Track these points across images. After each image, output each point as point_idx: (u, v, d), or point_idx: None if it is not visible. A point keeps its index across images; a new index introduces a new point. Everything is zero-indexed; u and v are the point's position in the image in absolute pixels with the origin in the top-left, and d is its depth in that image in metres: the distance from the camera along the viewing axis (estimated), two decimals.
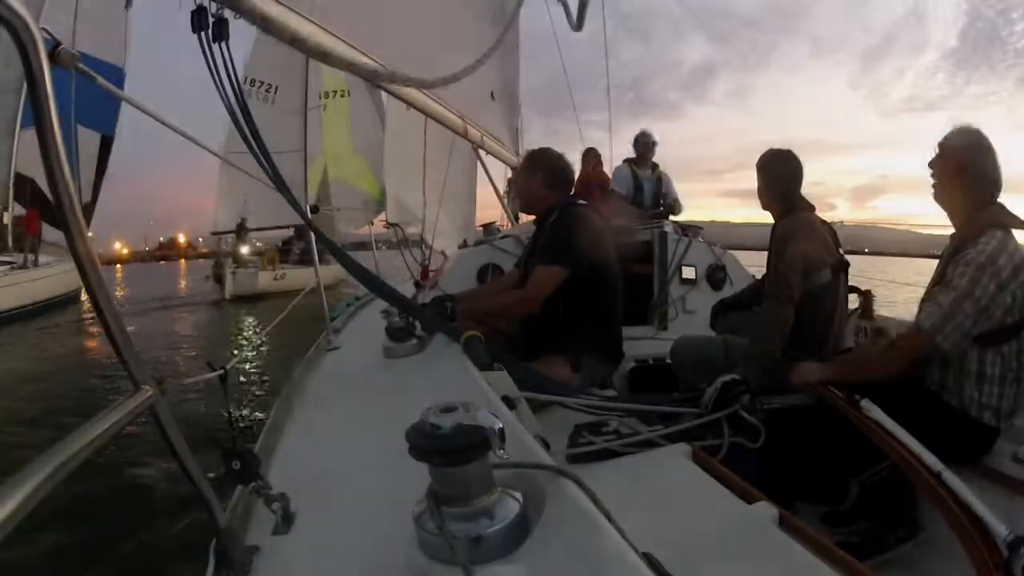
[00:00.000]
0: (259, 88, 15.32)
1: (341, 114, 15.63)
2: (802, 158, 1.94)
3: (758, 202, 1.98)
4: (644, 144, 4.28)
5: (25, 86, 0.49)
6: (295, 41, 1.20)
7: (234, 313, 11.97)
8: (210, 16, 1.26)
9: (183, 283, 20.69)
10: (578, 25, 1.91)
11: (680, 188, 4.52)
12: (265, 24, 1.17)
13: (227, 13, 1.25)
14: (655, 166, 4.30)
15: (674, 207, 4.28)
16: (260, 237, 16.19)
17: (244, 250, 14.73)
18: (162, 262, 52.85)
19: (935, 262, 1.51)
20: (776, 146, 1.94)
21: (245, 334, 9.12)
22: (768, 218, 1.97)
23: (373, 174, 15.54)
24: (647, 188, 4.27)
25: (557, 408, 1.53)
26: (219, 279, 14.05)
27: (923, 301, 1.44)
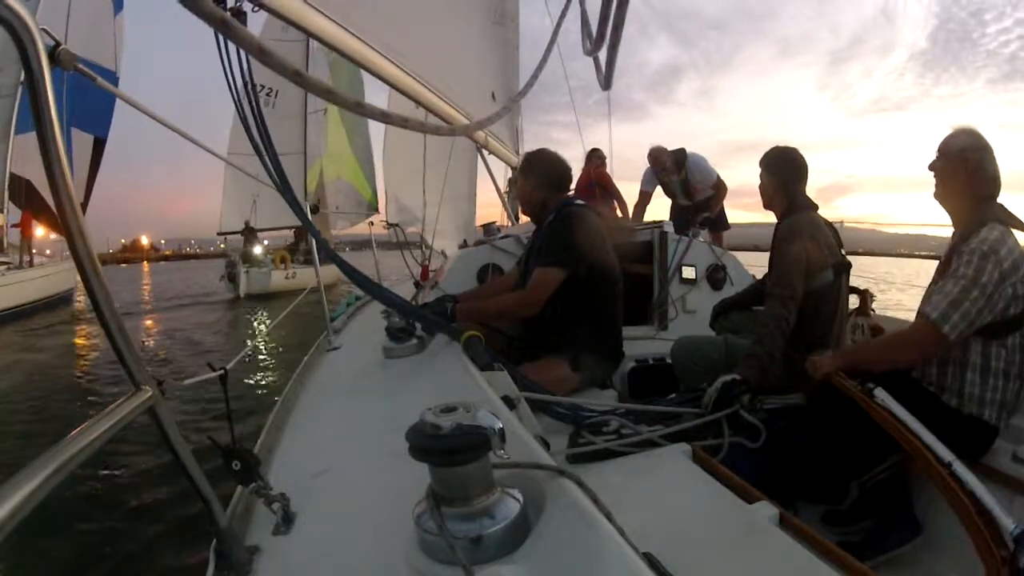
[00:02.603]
0: (260, 92, 15.52)
1: (342, 114, 15.87)
2: None
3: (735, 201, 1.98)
4: (652, 158, 4.48)
5: (20, 90, 0.49)
6: (314, 34, 1.19)
7: (250, 311, 12.18)
8: (227, 7, 1.25)
9: (146, 287, 20.56)
10: (607, 84, 1.91)
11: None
12: (282, 14, 1.16)
13: (246, 5, 1.24)
14: (680, 167, 4.40)
15: (713, 190, 4.43)
16: (268, 237, 16.55)
17: (257, 250, 15.09)
18: (123, 264, 49.72)
19: (906, 261, 1.51)
20: (741, 145, 1.96)
21: (261, 330, 9.35)
22: (742, 218, 1.97)
23: (364, 176, 15.86)
24: (674, 184, 4.49)
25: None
26: (232, 278, 14.35)
27: (928, 293, 1.44)
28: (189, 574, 2.31)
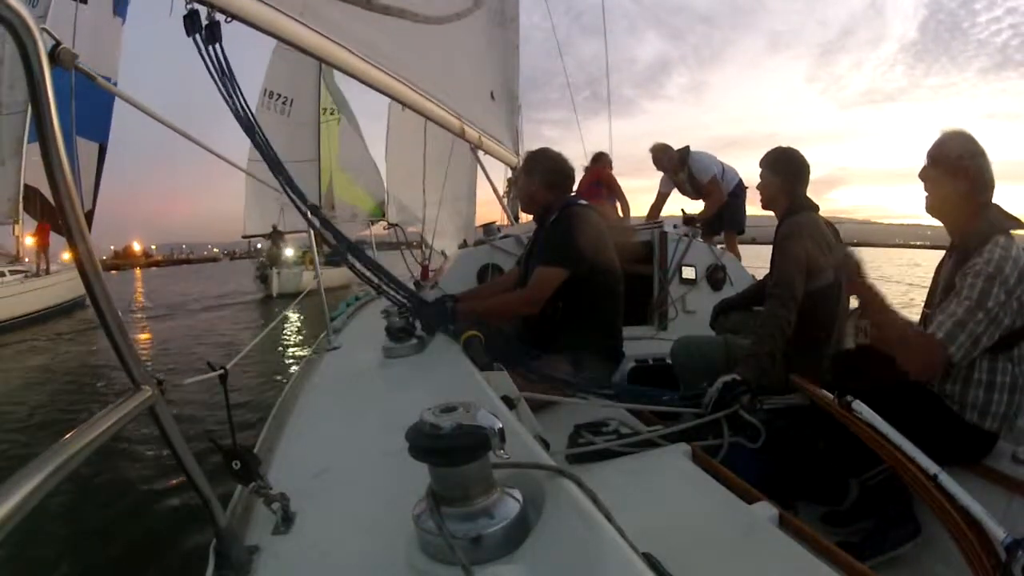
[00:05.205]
0: (276, 100, 16.34)
1: (332, 131, 16.66)
2: (758, 152, 1.94)
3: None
4: (652, 157, 4.52)
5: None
6: (288, 41, 1.23)
7: (284, 308, 12.62)
8: (202, 20, 1.29)
9: (141, 292, 21.08)
10: None
11: (635, 184, 4.74)
12: (256, 24, 1.20)
13: (218, 16, 1.30)
14: (683, 165, 4.39)
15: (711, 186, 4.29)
16: (292, 238, 17.13)
17: (289, 252, 15.95)
18: (114, 272, 45.24)
19: (901, 251, 1.46)
20: (732, 140, 1.96)
21: (296, 325, 9.90)
22: None
23: (360, 188, 16.39)
24: (682, 182, 4.53)
25: (557, 408, 1.53)
26: (264, 279, 15.29)
27: (926, 309, 1.43)
28: (189, 574, 2.31)
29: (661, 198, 4.69)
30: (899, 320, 1.42)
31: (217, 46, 1.33)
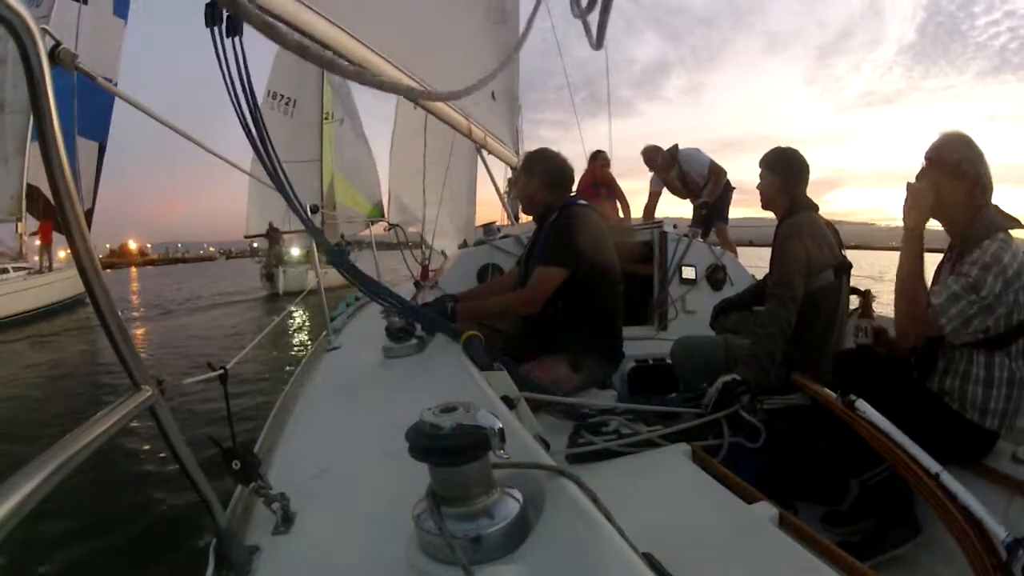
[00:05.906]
0: (279, 101, 16.55)
1: (329, 135, 17.08)
2: (755, 154, 1.94)
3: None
4: (644, 158, 4.59)
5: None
6: (302, 48, 1.20)
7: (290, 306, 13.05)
8: (224, 10, 1.23)
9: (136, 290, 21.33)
10: (598, 43, 1.86)
11: (633, 185, 4.75)
12: (280, 17, 1.18)
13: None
14: (674, 163, 4.44)
15: (710, 185, 4.29)
16: (292, 238, 17.31)
17: (294, 251, 16.29)
18: (109, 270, 42.65)
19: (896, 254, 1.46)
20: (730, 141, 1.96)
21: (301, 323, 10.23)
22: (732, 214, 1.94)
23: (356, 191, 16.54)
24: (673, 180, 4.57)
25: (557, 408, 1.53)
26: (270, 277, 15.62)
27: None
28: (189, 574, 2.31)
29: (654, 197, 4.75)
30: (917, 266, 1.42)
31: (238, 40, 1.25)
